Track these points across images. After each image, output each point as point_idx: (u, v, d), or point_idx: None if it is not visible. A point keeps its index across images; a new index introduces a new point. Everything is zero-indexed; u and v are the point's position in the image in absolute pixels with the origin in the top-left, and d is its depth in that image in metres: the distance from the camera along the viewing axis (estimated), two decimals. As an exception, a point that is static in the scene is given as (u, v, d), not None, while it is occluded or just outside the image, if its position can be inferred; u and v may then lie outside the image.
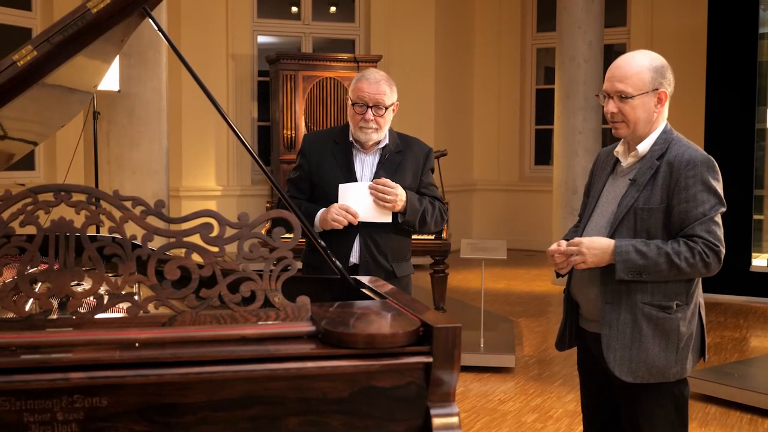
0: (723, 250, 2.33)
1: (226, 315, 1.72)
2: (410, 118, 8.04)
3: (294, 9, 9.65)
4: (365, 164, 3.08)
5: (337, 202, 2.98)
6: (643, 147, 2.42)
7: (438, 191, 3.23)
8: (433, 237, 5.71)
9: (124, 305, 1.72)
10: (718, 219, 2.35)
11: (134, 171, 5.66)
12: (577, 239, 2.41)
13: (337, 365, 1.61)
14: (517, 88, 10.65)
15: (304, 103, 8.56)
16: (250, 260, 1.72)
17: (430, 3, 9.81)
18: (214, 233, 1.74)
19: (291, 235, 1.76)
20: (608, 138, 10.15)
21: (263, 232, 3.85)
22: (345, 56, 8.76)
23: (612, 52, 10.00)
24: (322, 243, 2.31)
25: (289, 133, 8.53)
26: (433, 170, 3.22)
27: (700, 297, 2.46)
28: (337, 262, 2.24)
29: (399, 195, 2.96)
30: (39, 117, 2.63)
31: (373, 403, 1.63)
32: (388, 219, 2.99)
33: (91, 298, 1.72)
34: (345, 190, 2.99)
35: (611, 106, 2.41)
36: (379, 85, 2.98)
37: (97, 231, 3.47)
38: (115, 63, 5.12)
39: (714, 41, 7.55)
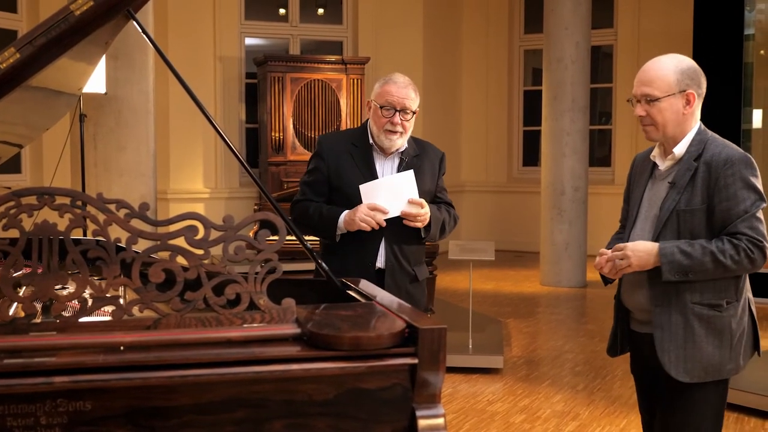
0: (767, 245, 2.37)
1: (211, 318, 1.72)
2: (398, 119, 8.02)
3: (282, 11, 9.64)
4: (385, 168, 3.07)
5: (360, 203, 2.94)
6: (680, 149, 2.44)
7: (448, 195, 3.25)
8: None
9: (109, 308, 1.71)
10: (760, 214, 2.38)
11: (121, 174, 5.63)
12: (621, 244, 2.44)
13: (322, 367, 1.61)
14: (504, 89, 10.67)
15: (291, 105, 8.55)
16: (235, 263, 1.72)
17: (418, 5, 9.82)
18: (199, 236, 1.73)
19: (276, 237, 1.76)
20: (596, 139, 10.21)
21: (251, 234, 3.84)
22: (333, 58, 8.77)
23: (599, 54, 10.05)
24: (309, 246, 2.31)
25: (277, 135, 8.52)
26: (444, 174, 3.23)
27: (748, 292, 2.49)
28: (323, 264, 2.24)
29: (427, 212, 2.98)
30: (24, 119, 2.62)
31: (358, 404, 1.63)
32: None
33: (75, 302, 1.71)
34: (367, 189, 2.95)
35: (639, 110, 2.44)
36: (408, 89, 2.98)
37: (84, 234, 3.45)
38: (102, 65, 5.09)
39: (700, 42, 7.58)
